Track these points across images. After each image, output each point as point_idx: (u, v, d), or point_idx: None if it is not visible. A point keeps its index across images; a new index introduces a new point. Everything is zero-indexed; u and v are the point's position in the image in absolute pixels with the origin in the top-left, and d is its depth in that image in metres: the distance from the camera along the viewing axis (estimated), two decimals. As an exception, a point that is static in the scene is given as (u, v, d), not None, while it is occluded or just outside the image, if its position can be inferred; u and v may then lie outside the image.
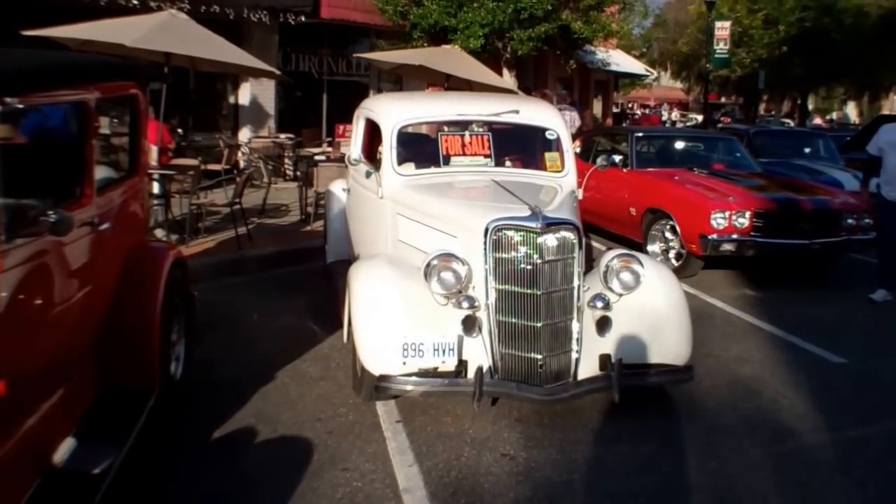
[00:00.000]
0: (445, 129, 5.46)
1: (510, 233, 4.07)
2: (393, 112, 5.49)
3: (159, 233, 7.88)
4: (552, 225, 4.06)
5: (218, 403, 4.36)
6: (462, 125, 5.46)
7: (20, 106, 2.53)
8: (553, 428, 4.19)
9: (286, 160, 13.30)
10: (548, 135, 5.55)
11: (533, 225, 4.03)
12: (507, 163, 5.58)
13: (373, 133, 5.84)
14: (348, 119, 6.41)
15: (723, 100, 45.44)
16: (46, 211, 2.60)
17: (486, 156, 5.39)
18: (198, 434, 4.01)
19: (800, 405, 4.68)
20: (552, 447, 3.98)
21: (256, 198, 10.28)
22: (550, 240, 4.03)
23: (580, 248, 4.13)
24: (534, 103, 6.50)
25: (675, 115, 44.05)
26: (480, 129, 5.43)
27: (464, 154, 5.38)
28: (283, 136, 14.04)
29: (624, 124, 30.33)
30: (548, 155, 5.57)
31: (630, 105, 47.81)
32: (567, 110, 12.79)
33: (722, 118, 36.49)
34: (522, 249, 4.04)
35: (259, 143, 13.17)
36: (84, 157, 3.35)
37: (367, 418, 4.25)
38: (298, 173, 11.46)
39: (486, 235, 4.07)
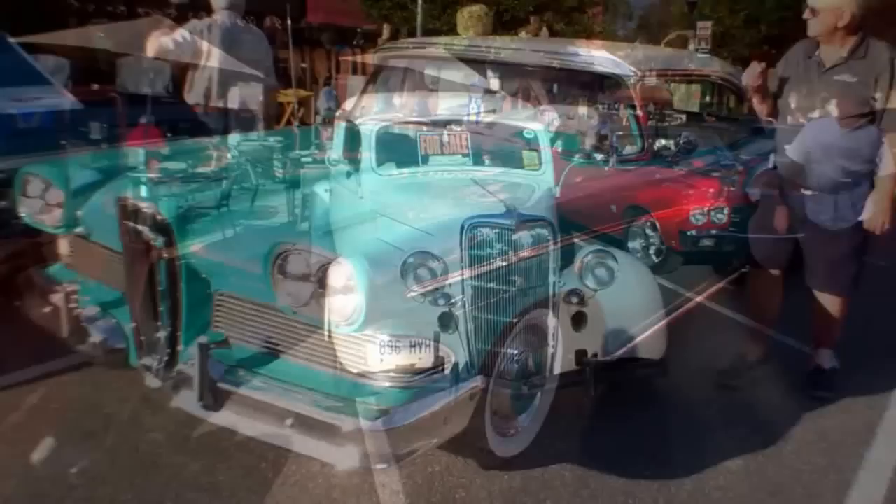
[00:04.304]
0: (424, 128, 5.50)
1: (485, 230, 4.11)
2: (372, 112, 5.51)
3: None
4: (526, 222, 4.11)
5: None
6: (441, 124, 5.50)
7: None
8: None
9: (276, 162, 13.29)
10: (525, 133, 5.61)
11: (507, 222, 4.07)
12: (486, 161, 5.62)
13: (353, 134, 5.86)
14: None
15: (708, 99, 45.65)
16: None
17: (464, 154, 5.44)
18: (181, 433, 4.02)
19: (776, 398, 4.76)
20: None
21: (242, 201, 10.26)
22: (525, 237, 4.08)
23: (555, 244, 4.18)
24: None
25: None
26: (459, 128, 5.48)
27: (442, 153, 5.42)
28: (272, 139, 14.01)
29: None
30: (525, 153, 5.62)
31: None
32: (548, 111, 12.86)
33: (707, 117, 36.67)
34: (497, 246, 4.08)
35: (248, 146, 13.14)
36: None
37: (346, 415, 4.27)
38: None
39: (461, 233, 4.11)
